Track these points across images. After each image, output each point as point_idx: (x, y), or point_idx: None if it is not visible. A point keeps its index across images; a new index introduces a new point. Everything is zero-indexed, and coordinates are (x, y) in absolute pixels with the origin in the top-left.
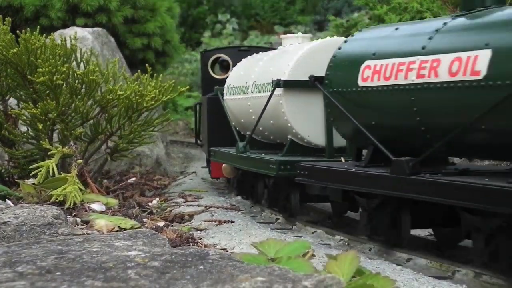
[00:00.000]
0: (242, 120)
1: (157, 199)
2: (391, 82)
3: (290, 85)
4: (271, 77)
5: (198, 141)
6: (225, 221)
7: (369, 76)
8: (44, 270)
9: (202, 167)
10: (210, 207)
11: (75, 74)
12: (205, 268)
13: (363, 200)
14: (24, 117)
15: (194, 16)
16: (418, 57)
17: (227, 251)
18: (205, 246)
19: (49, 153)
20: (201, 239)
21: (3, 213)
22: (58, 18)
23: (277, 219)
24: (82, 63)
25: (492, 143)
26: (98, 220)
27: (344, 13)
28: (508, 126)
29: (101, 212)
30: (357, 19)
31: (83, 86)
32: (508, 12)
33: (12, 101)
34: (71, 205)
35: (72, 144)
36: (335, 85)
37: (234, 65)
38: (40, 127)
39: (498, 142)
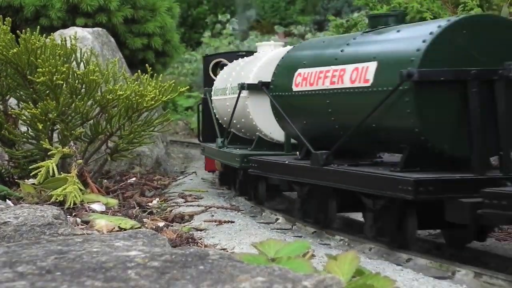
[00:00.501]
0: (224, 118)
1: (157, 199)
2: (314, 87)
3: (253, 88)
4: (241, 80)
5: (200, 139)
6: (225, 221)
7: (300, 82)
8: (44, 270)
9: None
10: (210, 207)
11: (75, 74)
12: (205, 268)
13: (298, 188)
14: (24, 117)
15: (194, 16)
16: (332, 66)
17: (227, 251)
18: (205, 246)
19: (49, 153)
20: (201, 239)
21: (3, 213)
22: (58, 18)
23: (277, 219)
24: (82, 63)
25: (381, 138)
26: (98, 220)
27: (344, 13)
28: (390, 125)
29: (101, 212)
30: (357, 19)
31: (83, 86)
32: (395, 30)
33: (12, 101)
34: (71, 205)
35: (72, 144)
36: (277, 89)
37: None
38: (40, 127)
39: (386, 138)
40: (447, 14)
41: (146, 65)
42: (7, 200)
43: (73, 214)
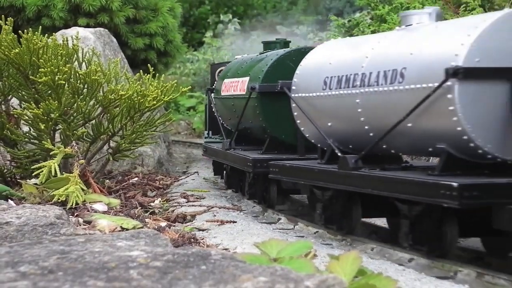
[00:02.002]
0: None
1: (159, 199)
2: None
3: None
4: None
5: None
6: (227, 221)
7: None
8: (47, 270)
9: None
10: (212, 207)
11: (77, 74)
12: (207, 268)
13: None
14: (26, 117)
15: (196, 16)
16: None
17: (229, 251)
18: (207, 246)
19: (51, 153)
20: (203, 239)
21: (5, 213)
22: (60, 18)
23: (279, 219)
24: (84, 63)
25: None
26: (100, 220)
27: (346, 13)
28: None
29: (103, 212)
30: (359, 19)
31: (85, 86)
32: (271, 53)
33: (14, 101)
34: (73, 205)
35: (74, 144)
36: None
37: None
38: (42, 127)
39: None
40: (448, 15)
41: (148, 65)
42: (9, 200)
43: (75, 214)
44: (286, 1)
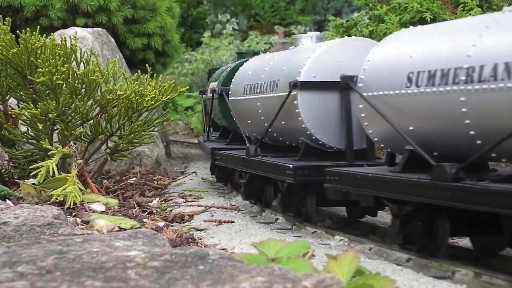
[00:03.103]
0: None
1: (157, 199)
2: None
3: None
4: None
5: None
6: (225, 221)
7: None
8: (44, 270)
9: None
10: (210, 207)
11: (75, 74)
12: (205, 268)
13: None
14: (24, 117)
15: (194, 16)
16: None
17: (227, 251)
18: (205, 246)
19: (49, 153)
20: (201, 239)
21: (3, 213)
22: (58, 18)
23: (277, 219)
24: (82, 63)
25: None
26: (98, 220)
27: (344, 13)
28: None
29: (101, 212)
30: (357, 19)
31: (83, 86)
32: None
33: (12, 101)
34: (71, 205)
35: (72, 144)
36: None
37: None
38: (40, 127)
39: None
40: (446, 14)
41: (146, 65)
42: (7, 200)
43: (73, 214)
44: (284, 1)
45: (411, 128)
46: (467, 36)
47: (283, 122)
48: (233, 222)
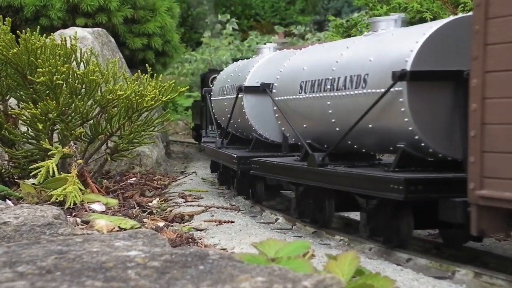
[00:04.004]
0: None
1: (157, 199)
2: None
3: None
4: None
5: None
6: (225, 221)
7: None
8: (44, 270)
9: None
10: (210, 207)
11: (75, 74)
12: (205, 268)
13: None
14: (24, 117)
15: (194, 16)
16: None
17: (227, 251)
18: (205, 246)
19: (49, 153)
20: (201, 239)
21: (3, 213)
22: (58, 18)
23: (277, 219)
24: (82, 63)
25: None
26: (98, 220)
27: (344, 13)
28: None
29: (101, 212)
30: (357, 19)
31: (83, 86)
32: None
33: (12, 101)
34: (71, 205)
35: (72, 144)
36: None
37: None
38: (40, 127)
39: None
40: (447, 14)
41: (146, 65)
42: (7, 200)
43: (73, 214)
44: (284, 1)
45: (304, 126)
46: (335, 54)
47: (239, 120)
48: (233, 222)
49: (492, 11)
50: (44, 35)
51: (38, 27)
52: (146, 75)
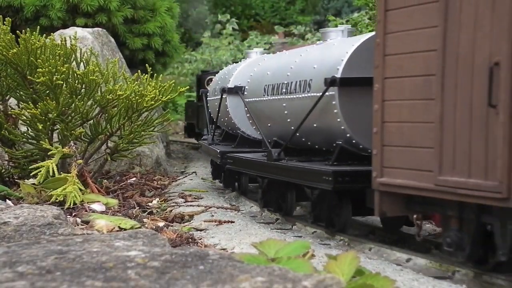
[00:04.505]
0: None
1: (157, 199)
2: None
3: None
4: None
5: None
6: (225, 221)
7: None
8: (44, 270)
9: None
10: (210, 207)
11: (75, 74)
12: (205, 268)
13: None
14: (24, 117)
15: (194, 16)
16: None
17: (227, 251)
18: (205, 246)
19: (49, 153)
20: (201, 239)
21: (3, 213)
22: (58, 18)
23: (277, 219)
24: (82, 63)
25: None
26: (98, 220)
27: (344, 13)
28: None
29: (101, 212)
30: (357, 19)
31: (83, 86)
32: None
33: (12, 101)
34: (71, 205)
35: (72, 144)
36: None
37: None
38: (40, 127)
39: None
40: None
41: (146, 65)
42: (7, 200)
43: (73, 214)
44: (284, 1)
45: (269, 125)
46: (291, 60)
47: (226, 119)
48: (233, 222)
49: (389, 27)
50: (44, 35)
51: (38, 27)
52: (146, 75)
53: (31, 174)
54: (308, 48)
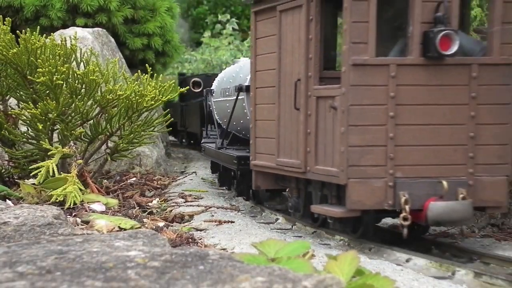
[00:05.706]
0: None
1: (157, 199)
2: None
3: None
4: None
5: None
6: (225, 221)
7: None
8: (44, 270)
9: None
10: (210, 207)
11: (75, 74)
12: (205, 268)
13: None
14: (24, 117)
15: (194, 16)
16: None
17: (227, 251)
18: (205, 246)
19: (49, 153)
20: (201, 239)
21: (3, 213)
22: (58, 18)
23: (277, 219)
24: (82, 63)
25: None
26: (98, 220)
27: None
28: None
29: (101, 212)
30: None
31: (83, 86)
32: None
33: (12, 101)
34: (71, 205)
35: (72, 144)
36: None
37: (203, 85)
38: (40, 127)
39: None
40: None
41: (146, 65)
42: (7, 200)
43: (73, 214)
44: None
45: (225, 120)
46: (235, 70)
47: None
48: (233, 222)
49: (257, 51)
50: (44, 35)
51: (38, 27)
52: (146, 75)
53: (31, 174)
54: (247, 61)
